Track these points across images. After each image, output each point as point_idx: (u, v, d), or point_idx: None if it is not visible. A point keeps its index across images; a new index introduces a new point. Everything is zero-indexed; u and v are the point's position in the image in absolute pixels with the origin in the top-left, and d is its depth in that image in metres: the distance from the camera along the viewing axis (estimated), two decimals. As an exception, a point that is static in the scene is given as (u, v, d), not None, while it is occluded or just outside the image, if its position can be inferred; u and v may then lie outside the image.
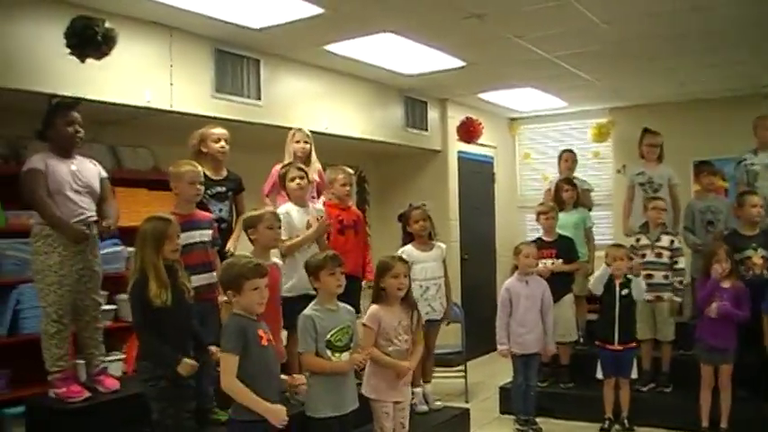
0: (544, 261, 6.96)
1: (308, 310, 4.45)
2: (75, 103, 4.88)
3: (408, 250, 6.12)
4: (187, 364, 4.09)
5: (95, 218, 4.94)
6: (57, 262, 4.69)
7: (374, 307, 4.85)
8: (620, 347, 6.37)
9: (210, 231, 5.05)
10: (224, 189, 5.55)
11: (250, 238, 4.86)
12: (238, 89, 6.58)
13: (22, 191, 4.72)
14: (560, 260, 7.00)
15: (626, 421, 6.47)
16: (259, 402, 3.75)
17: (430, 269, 6.20)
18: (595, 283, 6.50)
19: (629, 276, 6.47)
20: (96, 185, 4.98)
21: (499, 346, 6.47)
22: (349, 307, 4.68)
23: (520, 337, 6.41)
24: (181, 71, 6.07)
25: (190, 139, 5.52)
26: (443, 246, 6.45)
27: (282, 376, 4.06)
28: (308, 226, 5.55)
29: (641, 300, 6.41)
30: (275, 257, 5.01)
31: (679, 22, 6.38)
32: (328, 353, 4.37)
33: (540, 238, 7.16)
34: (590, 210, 8.05)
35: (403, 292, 4.84)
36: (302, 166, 5.74)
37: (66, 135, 4.81)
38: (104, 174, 5.12)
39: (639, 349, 6.67)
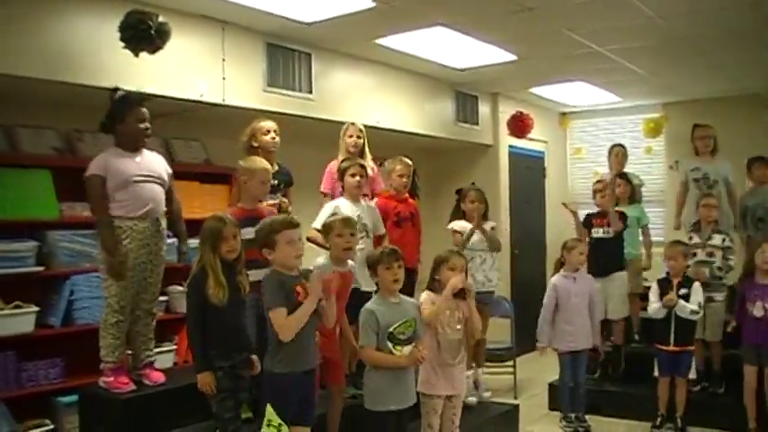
0: (596, 229, 7.08)
1: (370, 304, 4.47)
2: (145, 98, 4.93)
3: (462, 224, 6.36)
4: (206, 377, 4.13)
5: (165, 209, 5.00)
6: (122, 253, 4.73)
7: (428, 293, 4.81)
8: (676, 348, 6.27)
9: None
10: (276, 182, 5.56)
11: (325, 246, 4.86)
12: (290, 83, 6.61)
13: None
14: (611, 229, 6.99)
15: (679, 420, 6.37)
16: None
17: (474, 240, 6.28)
18: (653, 313, 6.43)
19: (689, 275, 6.41)
20: (164, 176, 5.02)
21: (539, 344, 6.50)
22: (413, 300, 4.71)
23: (569, 334, 6.41)
24: (233, 65, 6.11)
25: (241, 136, 5.54)
26: (494, 223, 6.67)
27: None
28: (359, 221, 5.52)
29: (686, 314, 6.26)
30: (351, 262, 4.97)
31: (737, 16, 6.26)
32: (390, 345, 4.37)
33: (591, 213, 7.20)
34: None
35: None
36: (363, 163, 5.75)
37: (136, 131, 4.85)
38: (170, 169, 5.14)
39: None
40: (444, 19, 6.24)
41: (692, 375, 6.39)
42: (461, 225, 6.42)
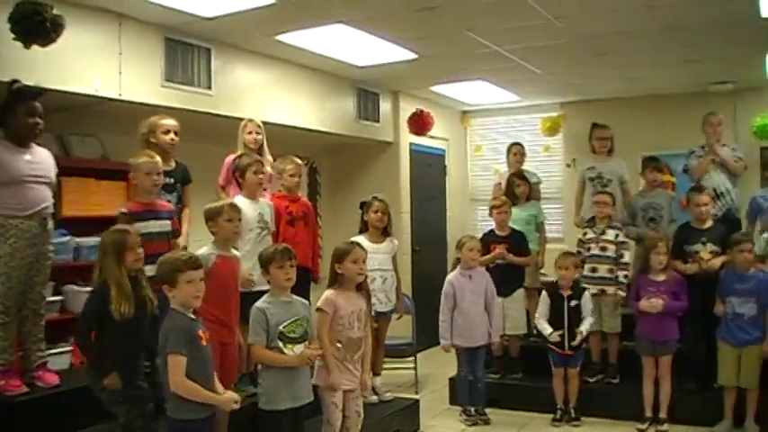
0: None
1: (260, 303, 4.45)
2: (39, 93, 4.80)
3: (359, 239, 6.21)
4: (111, 378, 4.07)
5: (52, 210, 4.88)
6: (7, 253, 4.59)
7: (330, 291, 4.86)
8: (570, 352, 6.46)
9: (170, 222, 5.00)
10: (172, 180, 5.49)
11: (211, 231, 4.79)
12: (189, 78, 6.50)
13: None
14: (511, 255, 7.06)
15: (572, 411, 6.55)
16: (212, 396, 3.82)
17: (378, 260, 6.26)
18: (542, 330, 6.59)
19: (582, 285, 6.60)
20: (53, 176, 4.91)
21: (442, 341, 6.57)
22: (304, 300, 4.71)
23: (466, 330, 6.50)
24: (130, 59, 5.97)
25: (139, 128, 5.44)
26: (396, 242, 6.60)
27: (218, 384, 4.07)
28: (259, 219, 5.52)
29: (587, 327, 6.46)
30: (236, 249, 4.95)
31: (632, 19, 6.46)
32: (280, 344, 4.37)
33: (492, 232, 7.21)
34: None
35: (362, 276, 4.89)
36: (261, 159, 5.73)
37: (26, 125, 4.73)
38: (56, 168, 5.02)
39: (588, 342, 6.77)
40: (345, 16, 6.23)
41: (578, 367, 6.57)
42: (357, 241, 6.37)
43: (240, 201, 5.42)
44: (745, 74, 8.75)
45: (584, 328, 6.43)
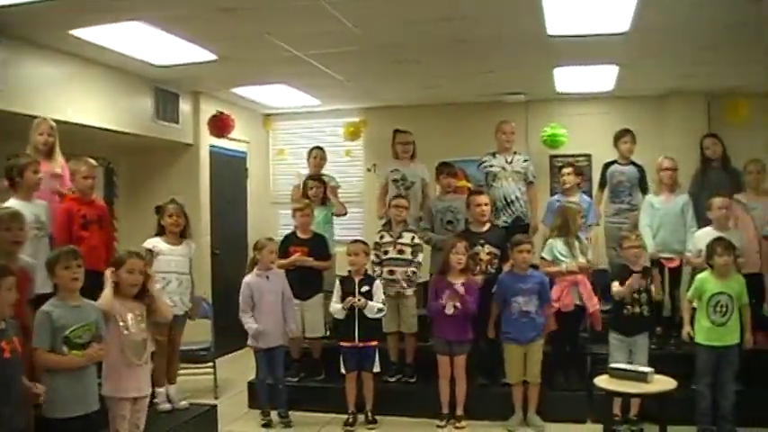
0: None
1: (46, 306, 4.30)
2: None
3: (156, 241, 6.17)
4: None
5: None
6: None
7: (109, 291, 4.68)
8: (360, 344, 6.56)
9: None
10: None
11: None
12: (-29, 71, 6.14)
13: None
14: (311, 258, 7.14)
15: (369, 413, 6.69)
16: None
17: (174, 262, 6.18)
18: (334, 313, 6.70)
19: (371, 275, 6.73)
20: None
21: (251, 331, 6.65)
22: (94, 303, 4.55)
23: (264, 332, 6.59)
24: None
25: None
26: (193, 245, 6.51)
27: (26, 381, 3.90)
28: (35, 220, 5.31)
29: (373, 314, 6.58)
30: (28, 258, 4.69)
31: (429, 30, 6.63)
32: (65, 350, 4.22)
33: (294, 234, 7.24)
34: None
35: (136, 288, 4.76)
36: (38, 159, 5.53)
37: None
38: None
39: (386, 342, 6.91)
40: (141, 14, 6.04)
41: (376, 369, 6.70)
42: (154, 243, 6.26)
43: (14, 203, 5.20)
44: (536, 86, 9.24)
45: (379, 305, 6.55)
